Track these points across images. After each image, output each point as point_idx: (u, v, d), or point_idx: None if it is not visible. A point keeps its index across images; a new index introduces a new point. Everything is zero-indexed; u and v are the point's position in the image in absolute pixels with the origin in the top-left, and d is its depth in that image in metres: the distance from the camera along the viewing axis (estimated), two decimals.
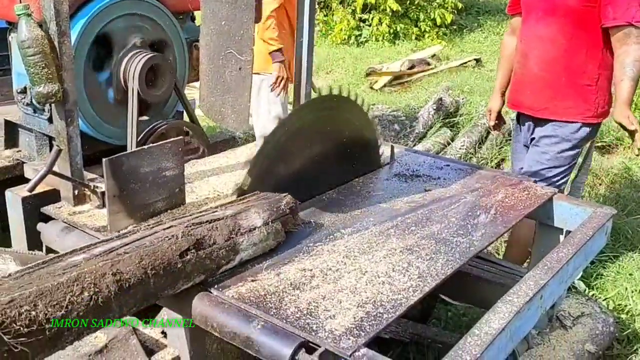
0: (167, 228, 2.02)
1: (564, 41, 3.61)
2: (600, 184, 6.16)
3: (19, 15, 2.40)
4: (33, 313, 1.54)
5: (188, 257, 1.98)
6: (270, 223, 2.27)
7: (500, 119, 4.19)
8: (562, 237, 2.91)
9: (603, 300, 4.09)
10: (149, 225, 2.11)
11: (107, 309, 1.73)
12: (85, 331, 1.68)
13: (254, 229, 2.22)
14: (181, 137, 2.63)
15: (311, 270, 2.18)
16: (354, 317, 1.92)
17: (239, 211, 2.23)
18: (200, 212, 2.23)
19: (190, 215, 2.19)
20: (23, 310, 1.51)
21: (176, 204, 2.62)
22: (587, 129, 3.76)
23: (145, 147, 2.46)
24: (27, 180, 2.61)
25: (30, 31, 2.39)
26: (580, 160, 3.97)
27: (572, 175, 3.98)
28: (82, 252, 1.85)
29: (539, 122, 3.79)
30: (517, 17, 3.98)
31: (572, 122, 3.71)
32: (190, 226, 2.05)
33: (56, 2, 2.40)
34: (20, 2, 2.49)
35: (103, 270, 1.74)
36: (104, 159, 2.32)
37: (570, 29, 3.57)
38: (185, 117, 3.62)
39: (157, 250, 1.91)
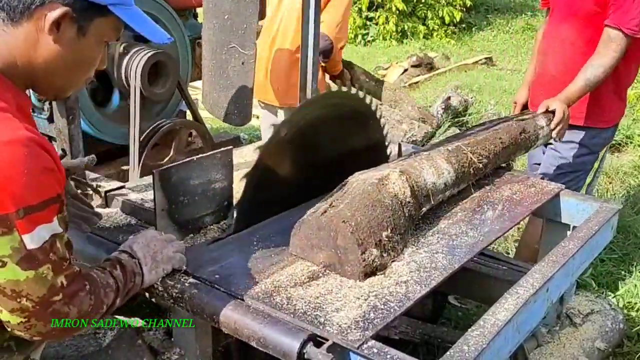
0: (504, 121, 3.28)
1: (582, 44, 3.61)
2: (610, 182, 6.15)
3: None
4: (482, 152, 2.87)
5: (521, 136, 3.19)
6: (547, 126, 3.41)
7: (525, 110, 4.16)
8: (569, 233, 2.90)
9: (613, 297, 4.08)
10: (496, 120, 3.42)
11: (499, 157, 3.01)
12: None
13: (543, 127, 3.38)
14: (231, 147, 2.53)
15: (318, 266, 2.18)
16: (362, 311, 1.92)
17: (533, 116, 3.41)
18: (512, 116, 3.59)
19: (509, 117, 3.50)
20: (477, 151, 2.84)
21: (224, 218, 2.52)
22: (605, 134, 3.78)
23: (195, 157, 2.36)
24: None
25: None
26: (596, 165, 3.99)
27: (588, 179, 3.98)
28: (482, 127, 3.21)
29: None
30: None
31: (589, 128, 3.70)
32: (517, 121, 3.28)
33: None
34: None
35: (495, 136, 3.02)
36: (153, 170, 2.24)
37: (589, 32, 3.56)
38: (189, 116, 3.60)
39: (509, 131, 3.13)
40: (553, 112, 3.40)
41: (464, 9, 13.65)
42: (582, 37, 3.60)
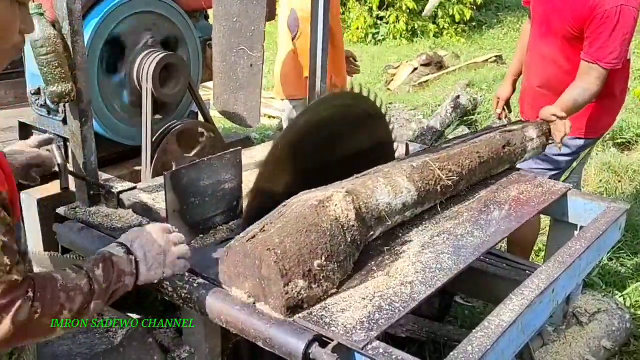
0: (487, 133, 3.11)
1: (564, 62, 3.64)
2: (619, 181, 6.13)
3: (31, 14, 2.40)
4: (453, 168, 2.69)
5: (505, 149, 3.03)
6: (538, 137, 3.28)
7: (507, 107, 4.19)
8: (576, 234, 2.91)
9: (620, 296, 4.08)
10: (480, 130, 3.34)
11: (475, 173, 2.83)
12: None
13: (533, 139, 3.23)
14: (240, 147, 2.54)
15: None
16: (367, 311, 1.93)
17: (523, 127, 3.26)
18: (500, 126, 3.33)
19: (496, 128, 3.29)
20: (447, 167, 2.66)
21: (233, 218, 2.53)
22: (590, 140, 3.83)
23: (205, 158, 2.38)
24: (42, 182, 2.57)
25: (43, 30, 2.37)
26: (575, 164, 4.05)
27: (563, 177, 4.00)
28: (460, 140, 3.01)
29: None
30: None
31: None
32: (502, 132, 3.10)
33: (69, 1, 2.39)
34: (33, 1, 2.48)
35: (472, 150, 2.85)
36: (164, 172, 2.25)
37: (570, 52, 3.59)
38: (200, 118, 3.59)
39: (490, 144, 2.96)
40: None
41: (475, 7, 13.58)
42: (563, 56, 3.63)
